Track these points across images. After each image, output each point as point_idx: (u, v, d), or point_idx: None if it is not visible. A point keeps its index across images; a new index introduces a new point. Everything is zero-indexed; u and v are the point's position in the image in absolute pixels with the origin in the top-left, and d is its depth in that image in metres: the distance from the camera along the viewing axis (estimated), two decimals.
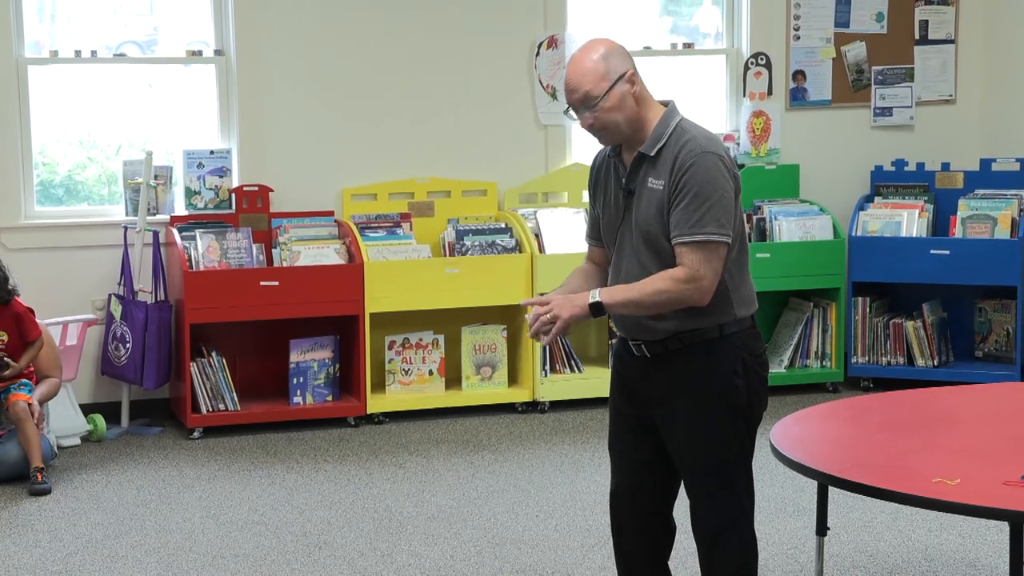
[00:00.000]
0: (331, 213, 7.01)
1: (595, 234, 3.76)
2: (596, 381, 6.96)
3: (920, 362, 7.30)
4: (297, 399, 6.74)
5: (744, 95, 7.57)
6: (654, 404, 3.64)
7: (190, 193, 6.89)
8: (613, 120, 3.50)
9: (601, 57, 3.50)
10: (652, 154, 3.51)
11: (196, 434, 6.56)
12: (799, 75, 7.66)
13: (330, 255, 6.74)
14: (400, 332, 6.90)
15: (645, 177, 3.52)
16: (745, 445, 3.64)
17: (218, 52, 6.97)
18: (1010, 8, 7.71)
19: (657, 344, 3.59)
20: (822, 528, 4.24)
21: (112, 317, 6.69)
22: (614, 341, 3.93)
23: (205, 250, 6.64)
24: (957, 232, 7.26)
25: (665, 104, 3.58)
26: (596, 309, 3.47)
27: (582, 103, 3.49)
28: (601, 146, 3.67)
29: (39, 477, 5.75)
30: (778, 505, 5.47)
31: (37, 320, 6.24)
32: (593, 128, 3.53)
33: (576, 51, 3.58)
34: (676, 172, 3.45)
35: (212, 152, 6.92)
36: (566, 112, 3.60)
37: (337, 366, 6.83)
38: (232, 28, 6.89)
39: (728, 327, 3.57)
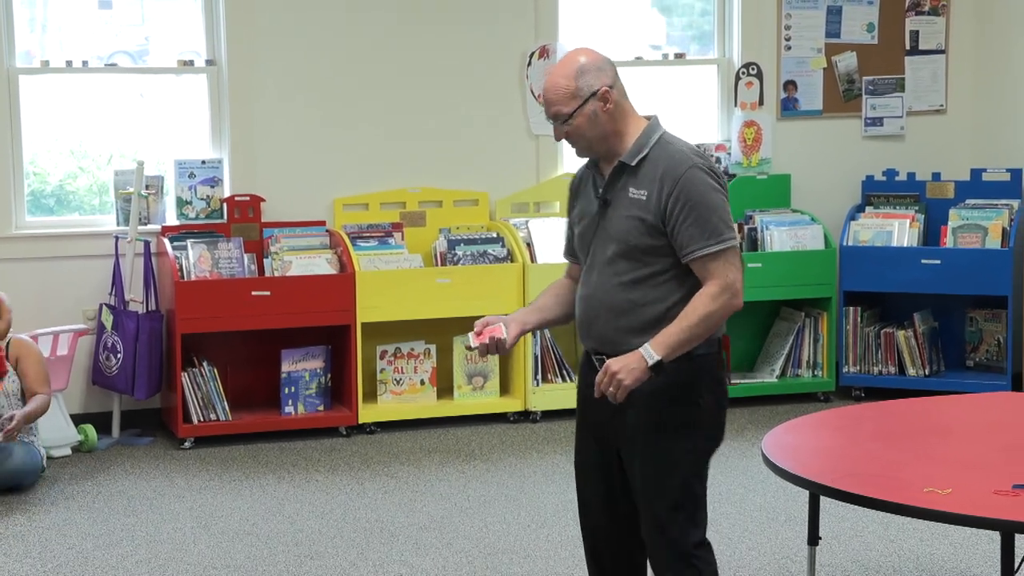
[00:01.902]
0: (323, 223, 7.01)
1: (571, 250, 3.74)
2: None
3: (911, 372, 7.30)
4: (288, 409, 6.74)
5: (735, 105, 7.58)
6: (614, 420, 3.55)
7: (181, 203, 6.89)
8: (583, 135, 3.51)
9: (575, 74, 3.48)
10: (633, 164, 3.49)
11: (187, 444, 6.55)
12: (790, 85, 7.68)
13: (322, 265, 6.74)
14: (392, 342, 6.89)
15: (625, 187, 3.51)
16: (701, 468, 3.55)
17: (209, 62, 6.97)
18: (1000, 18, 7.74)
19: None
20: (813, 538, 4.25)
21: (103, 327, 6.68)
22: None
23: (196, 260, 6.64)
24: (948, 242, 7.27)
25: (648, 118, 3.57)
26: (659, 368, 3.40)
27: (554, 118, 3.53)
28: (582, 161, 3.68)
29: None
30: (769, 514, 5.47)
31: (28, 333, 6.24)
32: (567, 138, 3.55)
33: (557, 64, 3.57)
34: (666, 185, 3.43)
35: (203, 162, 6.92)
36: (549, 121, 3.60)
37: (328, 376, 6.82)
38: (223, 38, 6.89)
39: (697, 348, 3.48)
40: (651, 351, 3.39)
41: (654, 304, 3.49)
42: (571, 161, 7.35)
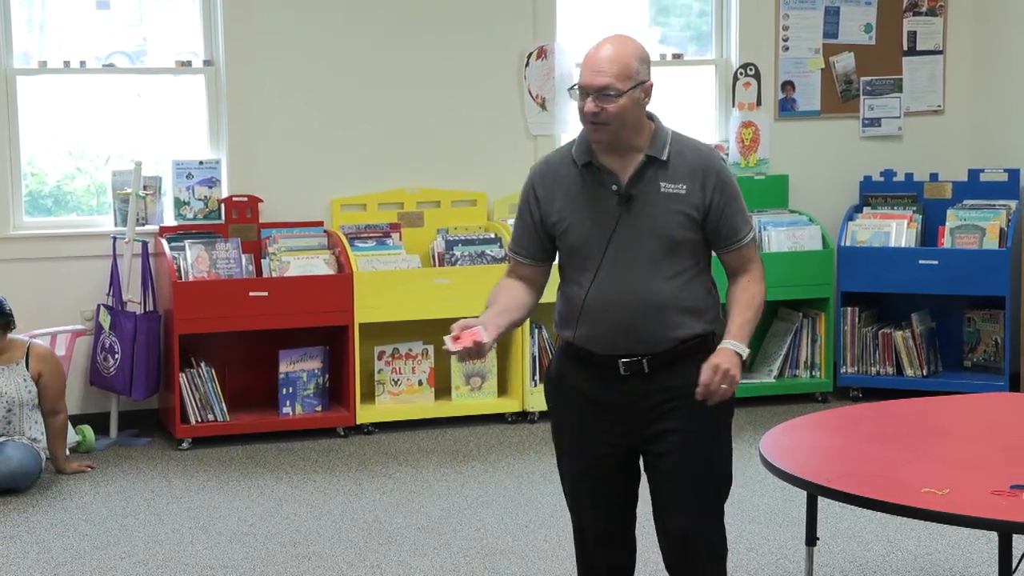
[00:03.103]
0: (320, 223, 7.01)
1: (530, 251, 3.61)
2: None
3: (909, 372, 7.31)
4: (286, 409, 6.73)
5: (733, 105, 7.59)
6: (649, 421, 3.54)
7: (179, 203, 6.89)
8: (622, 118, 3.43)
9: (638, 57, 3.46)
10: (664, 158, 3.48)
11: (185, 445, 6.55)
12: (788, 86, 7.68)
13: (319, 265, 6.74)
14: (389, 342, 6.89)
15: (654, 181, 3.48)
16: (731, 460, 3.65)
17: (207, 62, 6.97)
18: (998, 19, 7.74)
19: (660, 356, 3.51)
20: (811, 538, 4.25)
21: (101, 328, 6.68)
22: (551, 368, 3.72)
23: (194, 260, 6.63)
24: (946, 242, 7.28)
25: (649, 116, 3.55)
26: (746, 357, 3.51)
27: (599, 90, 3.42)
28: (539, 157, 3.67)
29: None
30: (767, 515, 5.47)
31: (26, 334, 6.23)
32: (596, 118, 3.44)
33: (614, 38, 3.49)
34: (707, 177, 3.48)
35: (201, 162, 6.92)
36: (571, 89, 3.51)
37: (326, 376, 6.82)
38: (221, 38, 6.89)
39: (718, 331, 3.56)
40: (740, 345, 3.47)
41: (695, 297, 3.53)
42: None
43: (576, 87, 3.47)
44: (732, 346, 3.45)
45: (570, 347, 3.61)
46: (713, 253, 3.61)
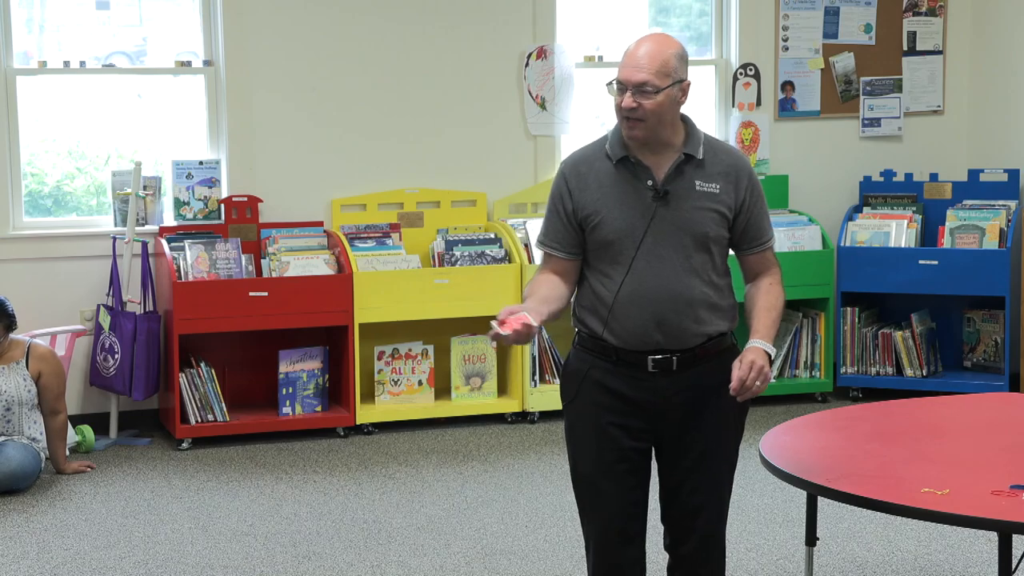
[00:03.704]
0: (320, 223, 7.01)
1: (564, 244, 3.59)
2: None
3: (909, 372, 7.31)
4: (286, 410, 6.73)
5: (733, 105, 7.59)
6: (675, 420, 3.57)
7: (179, 204, 6.89)
8: (659, 115, 3.46)
9: (677, 56, 3.49)
10: (700, 156, 3.53)
11: (185, 445, 6.55)
12: (788, 86, 7.68)
13: (319, 265, 6.74)
14: (389, 342, 6.89)
15: (691, 179, 3.52)
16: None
17: (207, 63, 6.97)
18: (998, 19, 7.74)
19: (688, 352, 3.54)
20: (811, 538, 4.24)
21: (101, 328, 6.68)
22: (570, 363, 3.69)
23: (194, 261, 6.63)
24: (945, 242, 7.28)
25: (682, 116, 3.59)
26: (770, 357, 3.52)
27: (636, 85, 3.45)
28: (567, 154, 3.68)
29: None
30: (767, 515, 5.47)
31: (26, 334, 6.23)
32: (633, 113, 3.45)
33: (655, 35, 3.54)
34: (740, 178, 3.55)
35: (201, 163, 6.92)
36: (609, 84, 3.51)
37: (326, 376, 6.82)
38: (221, 39, 6.89)
39: (734, 330, 3.65)
40: (768, 345, 3.50)
41: (720, 294, 3.57)
42: None
43: (614, 82, 3.50)
44: (762, 345, 3.49)
45: (595, 341, 3.58)
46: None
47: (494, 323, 3.40)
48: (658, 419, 3.58)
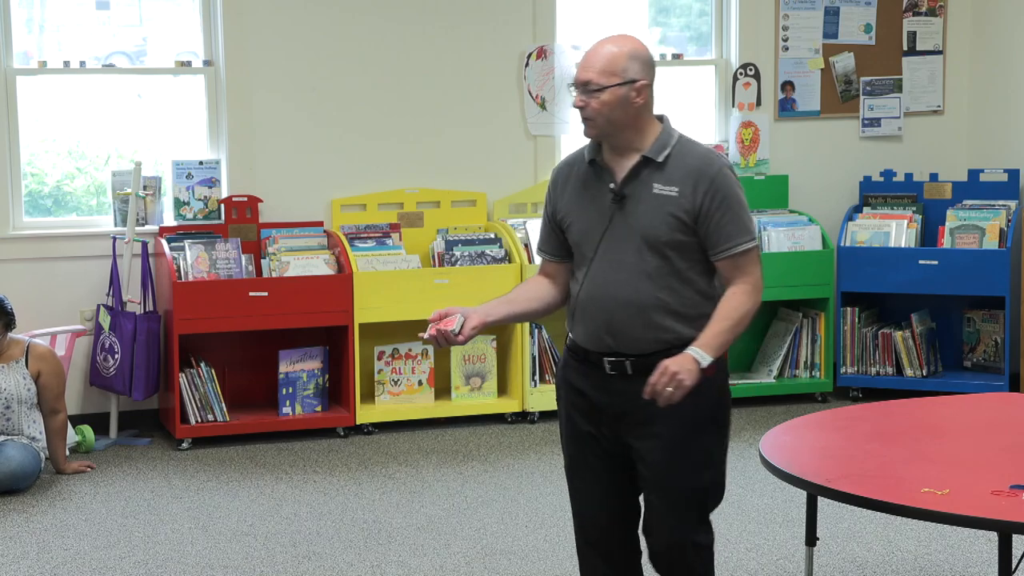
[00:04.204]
0: (320, 223, 7.01)
1: (551, 247, 3.68)
2: None
3: (909, 372, 7.31)
4: (286, 410, 6.73)
5: (733, 105, 7.59)
6: (632, 424, 3.53)
7: (179, 204, 6.89)
8: (604, 115, 3.46)
9: (625, 54, 3.46)
10: (659, 160, 3.48)
11: (185, 445, 6.55)
12: (788, 86, 7.68)
13: (319, 265, 6.74)
14: (389, 342, 6.89)
15: (647, 182, 3.47)
16: (724, 467, 3.61)
17: (207, 63, 6.97)
18: (998, 19, 7.74)
19: (644, 358, 3.48)
20: (811, 538, 4.25)
21: (101, 328, 6.68)
22: (559, 362, 3.83)
23: (194, 261, 6.63)
24: (945, 242, 7.28)
25: (660, 118, 3.56)
26: (708, 370, 3.39)
27: (583, 84, 3.47)
28: (562, 158, 3.70)
29: None
30: (767, 515, 5.47)
31: (26, 334, 6.23)
32: (582, 112, 3.49)
33: (613, 36, 3.53)
34: (700, 182, 3.44)
35: (201, 163, 6.92)
36: (570, 86, 3.55)
37: (326, 376, 6.82)
38: (221, 39, 6.89)
39: None
40: (703, 353, 3.39)
41: (681, 300, 3.48)
42: None
43: (572, 85, 3.53)
44: (693, 352, 3.39)
45: (570, 342, 3.65)
46: None
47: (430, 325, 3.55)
48: (618, 422, 3.55)
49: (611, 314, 3.51)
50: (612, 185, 3.52)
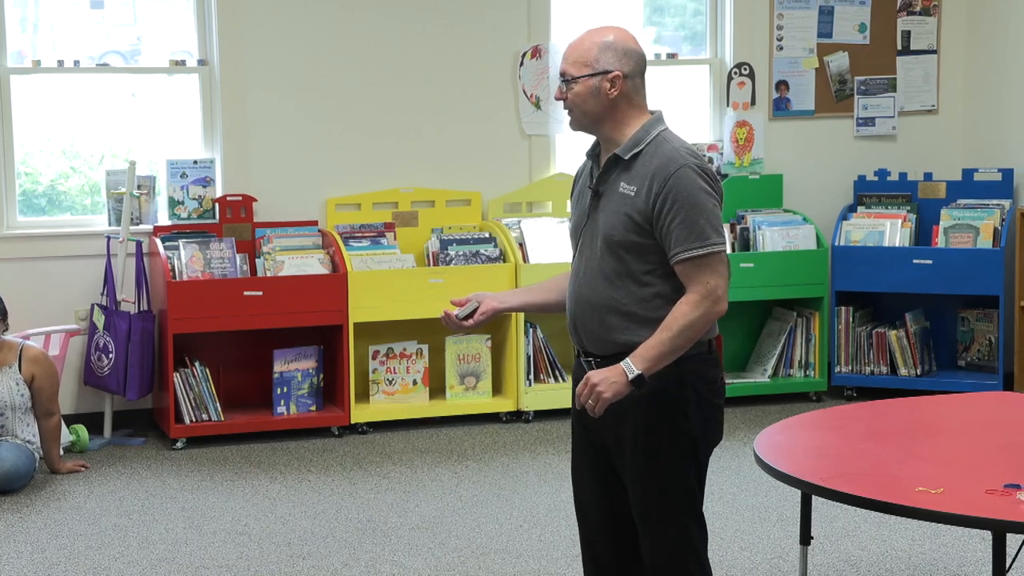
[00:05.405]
0: (315, 223, 7.01)
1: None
2: None
3: (903, 371, 7.31)
4: (281, 409, 6.73)
5: (727, 105, 7.59)
6: (602, 427, 3.48)
7: (173, 203, 6.88)
8: (578, 106, 3.43)
9: (600, 45, 3.44)
10: (627, 158, 3.40)
11: (179, 444, 6.54)
12: (782, 85, 7.68)
13: (314, 265, 6.74)
14: (384, 342, 6.89)
15: (616, 180, 3.42)
16: (693, 479, 3.47)
17: (201, 62, 6.97)
18: (992, 18, 7.75)
19: (607, 360, 3.40)
20: (805, 537, 4.25)
21: (95, 327, 6.68)
22: None
23: (188, 260, 6.63)
24: (940, 242, 7.28)
25: (652, 113, 3.49)
26: (640, 382, 3.28)
27: (561, 75, 3.47)
28: (561, 153, 3.70)
29: None
30: (761, 514, 5.48)
31: (19, 334, 6.23)
32: (563, 103, 3.48)
33: (593, 28, 3.53)
34: (655, 183, 3.33)
35: (195, 162, 6.91)
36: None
37: (321, 376, 6.82)
38: (215, 38, 6.89)
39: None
40: (632, 365, 3.28)
41: (637, 303, 3.38)
42: (564, 161, 7.36)
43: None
44: (623, 364, 3.30)
45: None
46: None
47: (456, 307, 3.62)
48: (596, 424, 3.49)
49: (575, 313, 3.51)
50: (589, 184, 3.51)
